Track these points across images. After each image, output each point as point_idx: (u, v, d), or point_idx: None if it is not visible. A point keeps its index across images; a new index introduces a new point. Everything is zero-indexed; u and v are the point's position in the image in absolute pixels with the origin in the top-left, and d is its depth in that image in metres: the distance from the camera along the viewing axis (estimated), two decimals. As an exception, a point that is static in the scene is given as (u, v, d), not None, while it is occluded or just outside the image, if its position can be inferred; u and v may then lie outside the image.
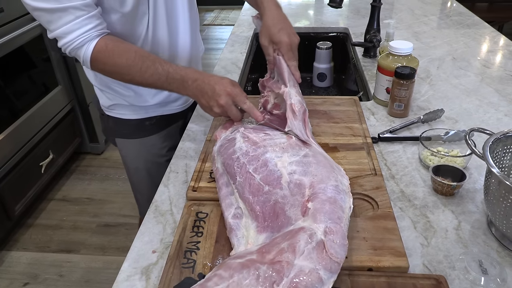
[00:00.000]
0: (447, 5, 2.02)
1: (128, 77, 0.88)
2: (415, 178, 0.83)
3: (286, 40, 0.89)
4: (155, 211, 0.78)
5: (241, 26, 1.81)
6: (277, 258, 0.55)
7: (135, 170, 1.19)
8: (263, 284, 0.52)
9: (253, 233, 0.65)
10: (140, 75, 0.86)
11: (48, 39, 2.09)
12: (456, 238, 0.69)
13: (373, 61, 1.39)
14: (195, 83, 0.85)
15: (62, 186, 2.34)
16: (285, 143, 0.78)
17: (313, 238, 0.56)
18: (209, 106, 0.85)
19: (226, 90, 0.84)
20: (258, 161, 0.74)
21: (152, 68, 0.85)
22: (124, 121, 1.10)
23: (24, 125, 1.97)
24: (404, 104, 1.01)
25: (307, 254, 0.54)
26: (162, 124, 1.13)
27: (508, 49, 1.44)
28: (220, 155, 0.80)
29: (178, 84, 0.87)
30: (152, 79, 0.86)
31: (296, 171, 0.71)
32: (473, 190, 0.79)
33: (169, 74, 0.86)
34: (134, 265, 0.67)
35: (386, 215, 0.70)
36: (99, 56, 0.84)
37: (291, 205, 0.67)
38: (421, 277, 0.60)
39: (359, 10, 1.96)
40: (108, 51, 0.85)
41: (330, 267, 0.54)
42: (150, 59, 0.86)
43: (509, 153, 0.73)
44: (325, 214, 0.60)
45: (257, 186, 0.70)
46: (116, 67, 0.86)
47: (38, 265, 1.84)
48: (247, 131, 0.83)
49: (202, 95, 0.85)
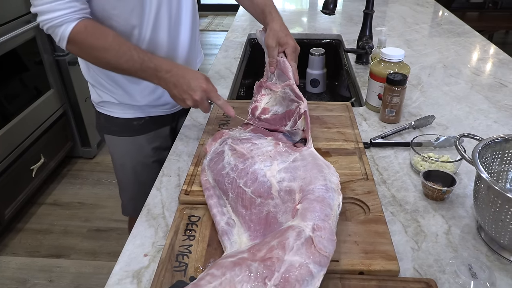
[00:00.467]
0: (438, 14, 2.05)
1: (103, 60, 0.89)
2: (406, 183, 0.84)
3: (293, 43, 0.98)
4: (147, 215, 0.77)
5: (235, 32, 1.82)
6: (268, 255, 0.56)
7: (121, 167, 1.20)
8: (255, 280, 0.53)
9: (245, 240, 0.66)
10: (115, 60, 0.88)
11: (41, 42, 2.11)
12: (446, 243, 0.70)
13: (365, 68, 1.41)
14: (168, 74, 0.88)
15: (53, 190, 2.32)
16: (272, 150, 0.79)
17: (302, 235, 0.58)
18: (182, 98, 0.89)
19: (201, 86, 0.88)
20: (248, 174, 0.75)
21: (128, 54, 0.87)
22: (113, 119, 1.11)
23: (15, 128, 1.96)
24: (396, 110, 1.03)
25: (297, 249, 0.56)
26: (150, 126, 1.14)
27: (498, 58, 1.47)
28: (210, 170, 0.81)
29: (151, 73, 0.89)
30: (127, 64, 0.88)
31: (285, 178, 0.72)
32: (463, 195, 0.80)
33: (143, 62, 0.88)
34: (125, 268, 0.66)
35: (378, 219, 0.71)
36: (76, 37, 0.85)
37: (283, 212, 0.68)
38: (412, 280, 0.61)
39: (352, 17, 1.98)
40: (86, 33, 0.86)
41: (320, 261, 0.55)
42: (127, 45, 0.88)
43: (498, 158, 0.74)
44: (312, 213, 0.62)
45: (249, 200, 0.71)
46: (91, 49, 0.88)
47: (27, 270, 1.82)
48: (234, 142, 0.84)
49: (175, 86, 0.89)
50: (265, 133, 0.90)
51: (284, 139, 0.85)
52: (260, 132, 0.90)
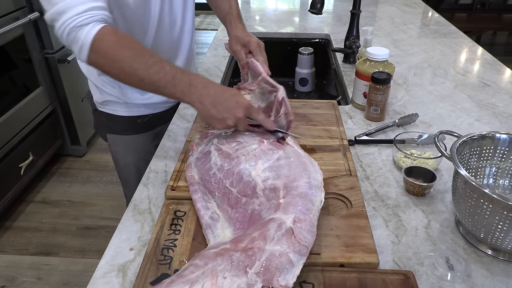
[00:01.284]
0: (427, 14, 2.08)
1: (129, 69, 0.77)
2: (388, 179, 0.86)
3: (254, 40, 1.00)
4: (134, 210, 0.78)
5: (225, 31, 1.82)
6: (249, 245, 0.58)
7: (124, 166, 1.21)
8: (236, 268, 0.55)
9: (229, 234, 0.68)
10: (144, 68, 0.77)
11: (30, 39, 2.10)
12: (425, 236, 0.72)
13: (352, 67, 1.43)
14: (205, 90, 0.79)
15: (42, 188, 2.31)
16: (256, 149, 0.80)
17: (283, 226, 0.60)
18: (222, 118, 0.79)
19: (244, 103, 0.80)
20: (233, 174, 0.76)
21: (159, 65, 0.78)
22: (117, 118, 1.12)
23: (3, 126, 1.95)
24: (380, 108, 1.05)
25: (277, 240, 0.58)
26: (154, 122, 1.16)
27: (482, 58, 1.50)
28: (197, 169, 0.82)
29: (183, 88, 0.79)
30: (157, 76, 0.77)
31: (269, 177, 0.74)
32: (443, 191, 0.82)
33: (176, 74, 0.78)
34: (111, 262, 0.67)
35: (359, 213, 0.73)
36: (103, 39, 0.75)
37: (268, 209, 0.69)
38: (391, 272, 0.63)
39: (341, 17, 2.00)
40: (112, 36, 0.77)
41: (299, 250, 0.58)
42: (157, 56, 0.80)
43: (475, 155, 0.76)
44: (294, 207, 0.63)
45: (235, 199, 0.73)
46: (118, 57, 0.77)
47: (15, 268, 1.81)
48: (220, 142, 0.85)
49: (213, 106, 0.79)
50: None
51: (268, 135, 0.86)
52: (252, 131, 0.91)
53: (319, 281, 0.61)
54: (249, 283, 0.54)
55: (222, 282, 0.54)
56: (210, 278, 0.54)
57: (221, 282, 0.54)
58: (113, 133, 1.16)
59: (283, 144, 0.82)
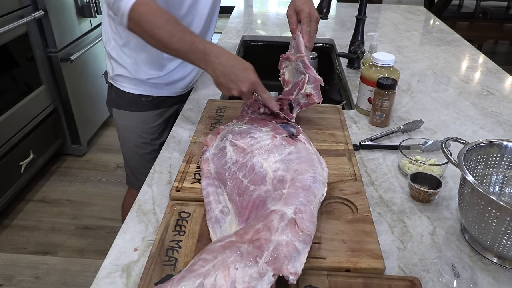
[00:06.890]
0: (429, 22, 2.09)
1: (156, 37, 0.90)
2: (393, 184, 0.86)
3: (307, 10, 1.01)
4: (138, 210, 0.78)
5: (229, 33, 1.83)
6: (255, 236, 0.60)
7: (125, 140, 1.29)
8: (247, 259, 0.56)
9: (235, 229, 0.68)
10: (167, 38, 0.89)
11: (34, 37, 2.10)
12: (431, 243, 0.71)
13: (356, 72, 1.43)
14: (217, 59, 0.88)
15: (42, 187, 2.30)
16: (269, 144, 0.84)
17: (284, 217, 0.62)
18: (228, 87, 0.89)
19: (250, 78, 0.88)
20: (247, 167, 0.79)
21: (180, 34, 0.90)
22: (123, 93, 1.19)
23: (5, 123, 1.94)
24: (385, 114, 1.05)
25: (282, 230, 0.60)
26: (157, 104, 1.22)
27: (486, 66, 1.50)
28: (213, 163, 0.85)
29: (200, 56, 0.89)
30: (178, 44, 0.89)
31: (279, 168, 0.76)
32: (449, 198, 0.82)
33: (194, 43, 0.89)
34: (115, 262, 0.67)
35: (365, 218, 0.72)
36: (138, 9, 0.88)
37: (273, 198, 0.71)
38: (396, 278, 0.62)
39: (345, 22, 2.01)
40: (147, 7, 0.89)
41: (304, 239, 0.60)
42: (181, 26, 0.91)
43: (482, 162, 0.76)
44: (295, 199, 0.66)
45: (244, 188, 0.75)
46: (149, 25, 0.89)
47: (13, 267, 1.80)
48: (235, 137, 0.87)
49: (223, 75, 0.88)
50: (260, 123, 0.94)
51: (281, 130, 0.89)
52: (256, 122, 0.94)
53: (325, 285, 0.61)
54: (260, 272, 0.55)
55: (234, 273, 0.55)
56: (222, 270, 0.55)
57: (233, 273, 0.55)
58: (118, 108, 1.23)
59: (295, 140, 0.85)
